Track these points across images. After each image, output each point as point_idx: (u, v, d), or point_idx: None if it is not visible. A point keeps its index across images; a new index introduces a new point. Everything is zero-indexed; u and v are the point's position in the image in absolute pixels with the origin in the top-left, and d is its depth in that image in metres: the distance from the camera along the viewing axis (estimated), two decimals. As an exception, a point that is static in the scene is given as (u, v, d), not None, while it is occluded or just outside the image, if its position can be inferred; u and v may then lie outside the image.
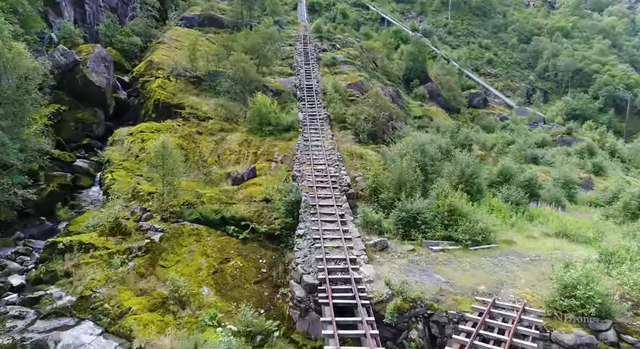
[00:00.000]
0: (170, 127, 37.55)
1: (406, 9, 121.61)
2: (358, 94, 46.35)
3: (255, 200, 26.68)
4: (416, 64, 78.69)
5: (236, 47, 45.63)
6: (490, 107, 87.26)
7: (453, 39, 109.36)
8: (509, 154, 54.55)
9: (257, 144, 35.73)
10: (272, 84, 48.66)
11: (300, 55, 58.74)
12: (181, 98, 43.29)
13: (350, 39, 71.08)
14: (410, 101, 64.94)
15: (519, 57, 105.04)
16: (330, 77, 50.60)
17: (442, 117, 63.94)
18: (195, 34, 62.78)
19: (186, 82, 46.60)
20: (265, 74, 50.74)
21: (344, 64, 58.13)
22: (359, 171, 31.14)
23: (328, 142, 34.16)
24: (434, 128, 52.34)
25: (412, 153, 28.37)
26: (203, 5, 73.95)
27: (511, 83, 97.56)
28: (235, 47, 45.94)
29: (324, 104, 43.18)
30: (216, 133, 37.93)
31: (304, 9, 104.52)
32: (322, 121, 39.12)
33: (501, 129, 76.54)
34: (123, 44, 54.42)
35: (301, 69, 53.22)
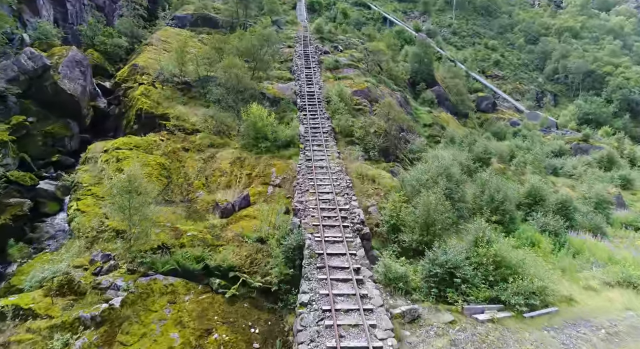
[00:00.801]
0: (151, 143, 32.17)
1: (409, 8, 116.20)
2: (365, 102, 41.00)
3: (248, 240, 21.37)
4: (422, 67, 73.28)
5: (229, 50, 40.23)
6: (499, 111, 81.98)
7: (458, 40, 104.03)
8: (528, 166, 49.32)
9: (251, 163, 30.38)
10: (270, 90, 43.29)
11: (301, 58, 53.36)
12: (167, 107, 37.90)
13: (353, 40, 65.70)
14: (418, 106, 59.61)
15: (526, 58, 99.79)
16: (333, 83, 45.24)
17: (453, 124, 58.66)
18: (185, 35, 57.34)
19: (173, 88, 41.22)
20: (262, 79, 45.41)
21: (348, 68, 52.77)
22: (372, 198, 25.83)
23: (334, 162, 28.83)
24: (447, 139, 47.09)
25: (440, 183, 23.10)
26: (196, 4, 68.39)
27: (520, 86, 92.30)
28: (228, 50, 40.54)
29: (327, 114, 37.84)
30: (205, 149, 32.56)
31: (304, 8, 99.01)
32: (327, 135, 33.78)
33: (513, 135, 71.35)
34: (106, 46, 48.95)
35: (301, 73, 47.85)
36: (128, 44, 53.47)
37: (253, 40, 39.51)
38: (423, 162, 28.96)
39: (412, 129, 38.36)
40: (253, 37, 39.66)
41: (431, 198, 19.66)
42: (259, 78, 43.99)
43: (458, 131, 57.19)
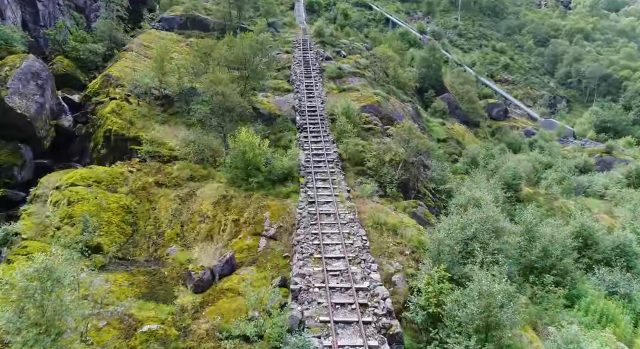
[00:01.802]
0: (117, 176, 25.62)
1: (412, 9, 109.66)
2: (376, 120, 34.53)
3: (228, 338, 14.92)
4: (430, 72, 66.99)
5: (217, 59, 33.69)
6: (511, 119, 75.64)
7: (464, 42, 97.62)
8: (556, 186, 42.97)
9: (239, 205, 23.88)
10: (264, 105, 36.75)
11: (300, 65, 46.81)
12: (141, 128, 31.35)
13: (357, 44, 59.15)
14: (430, 118, 53.20)
15: (536, 61, 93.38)
16: (338, 96, 38.75)
17: (468, 138, 52.32)
18: (171, 39, 50.74)
19: (152, 104, 34.69)
20: (257, 89, 38.90)
21: (353, 76, 46.25)
22: (395, 259, 19.40)
23: (344, 206, 22.39)
24: (468, 159, 40.67)
25: (489, 248, 16.73)
26: (186, 4, 61.68)
27: (531, 91, 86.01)
28: (216, 58, 34.00)
29: (332, 136, 31.37)
30: (183, 184, 26.03)
31: (302, 9, 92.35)
32: (332, 164, 27.32)
33: (529, 146, 65.05)
34: (78, 52, 42.29)
35: (301, 84, 41.31)
36: (106, 50, 46.87)
37: (244, 47, 32.92)
38: (456, 208, 22.51)
39: (431, 150, 31.83)
40: (245, 44, 33.11)
41: (494, 288, 13.25)
42: (253, 89, 37.51)
43: (474, 145, 50.78)
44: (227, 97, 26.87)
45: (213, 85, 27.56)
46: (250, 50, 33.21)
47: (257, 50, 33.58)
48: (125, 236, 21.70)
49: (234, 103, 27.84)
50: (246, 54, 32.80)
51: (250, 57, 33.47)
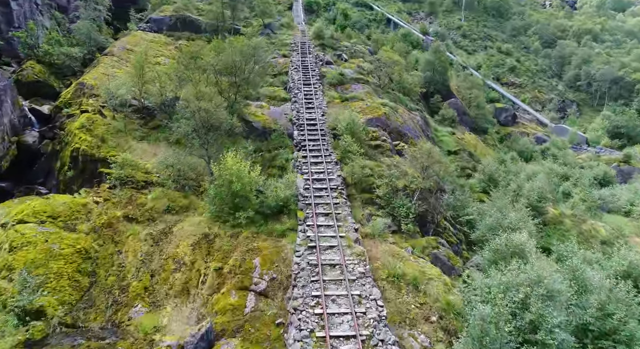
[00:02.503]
0: (78, 208, 21.09)
1: (414, 9, 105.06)
2: (384, 136, 30.05)
3: None
4: (436, 76, 62.47)
5: (203, 67, 29.17)
6: (520, 124, 71.16)
7: (469, 43, 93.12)
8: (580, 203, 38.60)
9: (224, 247, 19.41)
10: (258, 117, 32.24)
11: (298, 70, 42.27)
12: (115, 146, 26.86)
13: (359, 46, 54.61)
14: (438, 127, 48.73)
15: (543, 63, 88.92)
16: (340, 107, 34.26)
17: (480, 149, 47.88)
18: (155, 42, 46.24)
19: (129, 117, 30.17)
20: (250, 98, 34.40)
21: (356, 83, 41.76)
22: (419, 329, 14.99)
23: (352, 252, 17.92)
24: (485, 175, 36.20)
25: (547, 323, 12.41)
26: (177, 4, 57.06)
27: (539, 94, 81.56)
28: (203, 66, 29.49)
29: (335, 155, 26.85)
30: (158, 218, 21.55)
31: (301, 9, 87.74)
32: (336, 192, 22.83)
33: (541, 154, 60.66)
34: (52, 57, 37.73)
35: (299, 92, 36.79)
36: (86, 53, 42.33)
37: (235, 53, 28.39)
38: (490, 254, 18.04)
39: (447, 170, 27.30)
40: (235, 49, 28.56)
41: None
42: (246, 98, 33.00)
43: (488, 157, 46.35)
44: (212, 115, 22.31)
45: (195, 101, 22.99)
46: (242, 56, 28.68)
47: (249, 56, 29.03)
48: (79, 291, 17.20)
49: (220, 120, 23.29)
50: (236, 61, 28.25)
51: (241, 64, 28.94)
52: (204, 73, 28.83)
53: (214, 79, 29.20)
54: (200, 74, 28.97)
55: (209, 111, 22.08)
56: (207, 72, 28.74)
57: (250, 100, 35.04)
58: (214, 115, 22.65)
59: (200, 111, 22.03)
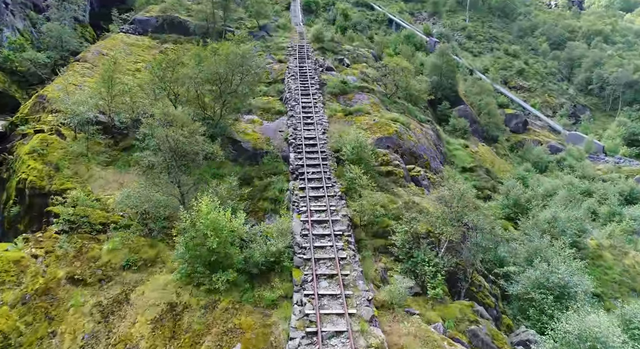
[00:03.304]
0: (8, 267, 16.07)
1: (416, 9, 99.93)
2: (397, 160, 25.08)
3: None
4: (443, 81, 57.59)
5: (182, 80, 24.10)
6: (531, 131, 66.22)
7: (474, 45, 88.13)
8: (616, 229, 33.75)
9: (194, 326, 14.45)
10: (248, 136, 27.24)
11: (295, 78, 37.23)
12: (71, 176, 21.85)
13: (362, 50, 49.60)
14: (450, 139, 43.76)
15: (553, 66, 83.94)
16: (343, 122, 29.29)
17: (498, 163, 42.94)
18: (138, 46, 41.18)
19: (94, 137, 25.07)
20: (241, 110, 29.33)
21: (360, 92, 36.76)
22: None
23: (367, 344, 12.91)
24: (510, 200, 31.18)
25: None
26: (165, 3, 51.91)
27: (549, 99, 76.61)
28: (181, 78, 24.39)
29: (338, 187, 21.81)
30: (114, 278, 16.54)
31: (299, 10, 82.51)
32: (342, 240, 17.83)
33: (557, 165, 55.77)
34: (14, 63, 32.65)
35: (297, 104, 31.76)
36: (59, 59, 37.23)
37: (219, 63, 23.34)
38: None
39: (487, 220, 22.08)
40: (219, 58, 23.48)
41: None
42: (236, 110, 27.92)
43: (506, 174, 41.44)
44: (183, 146, 17.29)
45: (162, 129, 17.96)
46: (228, 66, 23.60)
47: (237, 65, 23.95)
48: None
49: (195, 148, 18.28)
50: (221, 73, 23.20)
51: (227, 75, 23.87)
52: (183, 86, 23.76)
53: (194, 93, 24.13)
54: (178, 87, 23.90)
55: (179, 141, 17.04)
56: (186, 85, 23.67)
57: (241, 113, 30.08)
58: (187, 145, 17.61)
59: (168, 140, 17.01)
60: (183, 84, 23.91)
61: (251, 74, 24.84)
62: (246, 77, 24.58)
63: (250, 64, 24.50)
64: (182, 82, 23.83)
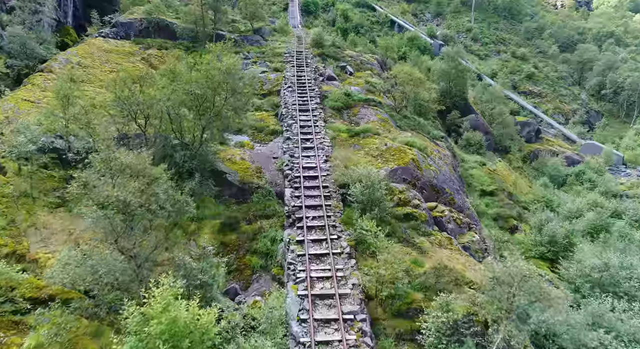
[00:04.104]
0: None
1: (419, 10, 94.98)
2: (417, 197, 20.17)
3: None
4: (452, 88, 52.59)
5: (148, 103, 19.13)
6: (544, 140, 61.35)
7: (480, 48, 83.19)
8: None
9: None
10: (235, 165, 22.31)
11: (292, 90, 32.34)
12: (4, 226, 16.90)
13: (366, 56, 44.65)
14: (464, 155, 38.89)
15: (563, 70, 79.07)
16: (348, 146, 24.38)
17: (519, 184, 38.06)
18: (116, 52, 36.23)
19: (46, 169, 20.20)
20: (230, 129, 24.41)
21: (366, 105, 31.88)
22: None
23: None
24: (544, 236, 26.25)
25: None
26: (149, 5, 46.87)
27: (561, 105, 71.77)
28: (147, 101, 19.38)
29: (345, 239, 16.90)
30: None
31: (297, 11, 77.58)
32: (355, 329, 12.92)
33: (576, 179, 50.93)
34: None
35: (294, 122, 26.88)
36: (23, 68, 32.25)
37: (196, 83, 18.41)
38: None
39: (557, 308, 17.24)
40: (197, 75, 18.52)
41: None
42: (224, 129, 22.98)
43: (528, 194, 36.60)
44: (134, 208, 12.37)
45: (105, 184, 13.02)
46: (208, 85, 18.65)
47: (219, 84, 18.98)
48: None
49: (154, 208, 13.36)
50: (199, 95, 18.26)
51: (207, 96, 18.91)
52: (151, 109, 18.81)
53: (167, 118, 19.20)
54: (147, 110, 18.95)
55: (128, 204, 12.13)
56: (155, 109, 18.72)
57: (228, 132, 25.15)
58: (144, 203, 12.71)
59: (114, 201, 12.10)
60: (151, 107, 18.93)
61: (238, 94, 19.87)
62: (232, 98, 19.60)
63: (237, 82, 19.51)
64: (149, 105, 18.85)
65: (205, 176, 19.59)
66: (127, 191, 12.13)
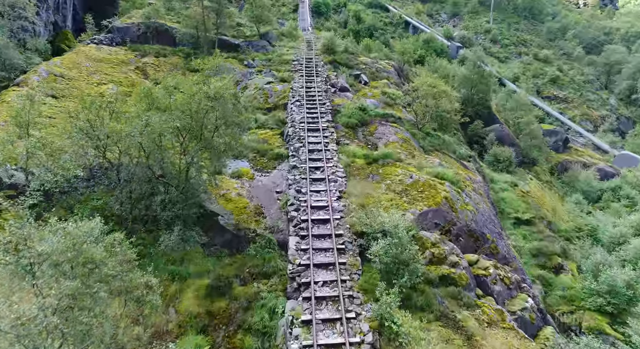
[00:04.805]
0: None
1: (435, 10, 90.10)
2: (453, 252, 15.86)
3: None
4: (475, 96, 48.10)
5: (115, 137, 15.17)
6: (572, 150, 56.34)
7: (500, 50, 78.10)
8: None
9: None
10: (230, 203, 18.28)
11: (301, 104, 28.25)
12: None
13: (382, 63, 40.31)
14: (492, 173, 34.41)
15: (590, 73, 73.65)
16: (365, 177, 20.23)
17: (558, 208, 33.44)
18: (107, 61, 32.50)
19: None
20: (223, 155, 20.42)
21: (384, 122, 27.64)
22: None
23: None
24: (602, 285, 21.74)
25: None
26: (148, 9, 43.16)
27: (589, 111, 66.49)
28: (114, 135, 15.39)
29: (365, 319, 12.74)
30: None
31: (307, 13, 73.49)
32: None
33: (612, 195, 46.01)
34: None
35: (302, 146, 22.82)
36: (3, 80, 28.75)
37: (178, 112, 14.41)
38: None
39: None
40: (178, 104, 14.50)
41: None
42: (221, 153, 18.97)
43: (569, 221, 31.93)
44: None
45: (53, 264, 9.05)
46: (192, 115, 14.62)
47: (207, 113, 14.93)
48: None
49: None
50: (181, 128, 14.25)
51: (192, 127, 14.89)
52: (122, 143, 14.85)
53: (143, 154, 15.23)
54: (114, 144, 15.01)
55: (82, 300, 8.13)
56: (126, 143, 14.75)
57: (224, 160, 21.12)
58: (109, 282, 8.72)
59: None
60: (120, 141, 14.95)
61: (230, 123, 15.80)
62: (224, 129, 15.54)
63: (229, 110, 15.41)
64: (117, 139, 14.87)
65: (189, 225, 15.57)
66: (74, 287, 8.05)
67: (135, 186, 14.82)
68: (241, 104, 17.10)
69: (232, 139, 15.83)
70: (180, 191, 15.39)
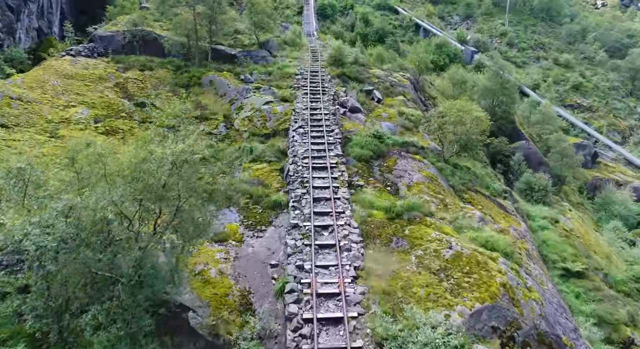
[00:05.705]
0: None
1: (446, 12, 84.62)
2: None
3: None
4: (498, 109, 42.92)
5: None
6: (601, 166, 50.89)
7: (517, 54, 72.53)
8: None
9: None
10: (205, 289, 13.27)
11: (305, 131, 23.23)
12: None
13: (397, 76, 35.04)
14: (526, 205, 29.12)
15: (615, 79, 67.89)
16: (386, 239, 15.12)
17: (608, 250, 28.09)
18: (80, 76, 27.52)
19: None
20: (216, 197, 15.53)
21: (404, 153, 22.52)
22: None
23: None
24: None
25: None
26: (133, 16, 38.24)
27: (616, 121, 60.85)
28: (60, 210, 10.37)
29: None
30: None
31: (312, 16, 68.29)
32: None
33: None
34: None
35: (306, 193, 17.81)
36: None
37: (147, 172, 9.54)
38: None
39: None
40: (115, 179, 9.70)
41: None
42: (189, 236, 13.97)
43: (627, 269, 26.61)
44: None
45: None
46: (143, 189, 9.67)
47: (166, 185, 9.98)
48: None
49: None
50: (157, 178, 9.30)
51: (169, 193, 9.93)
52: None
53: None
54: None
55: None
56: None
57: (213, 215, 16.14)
58: None
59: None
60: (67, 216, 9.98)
61: (203, 196, 10.81)
62: (190, 200, 10.58)
63: (192, 179, 10.43)
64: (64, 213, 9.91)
65: (138, 342, 10.55)
66: None
67: (61, 290, 9.88)
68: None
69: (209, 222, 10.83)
70: (129, 293, 10.39)
